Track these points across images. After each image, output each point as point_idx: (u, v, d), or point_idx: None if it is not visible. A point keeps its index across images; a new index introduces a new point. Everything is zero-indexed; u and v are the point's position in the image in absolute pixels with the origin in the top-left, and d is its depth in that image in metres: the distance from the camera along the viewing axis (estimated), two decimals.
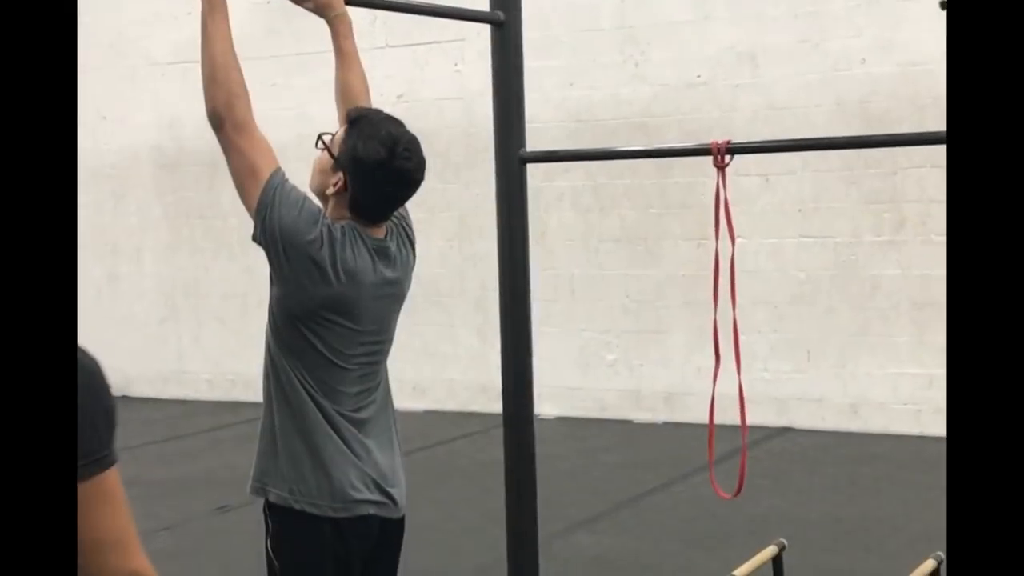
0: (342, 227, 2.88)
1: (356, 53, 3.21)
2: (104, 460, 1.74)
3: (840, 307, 8.20)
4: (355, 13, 3.20)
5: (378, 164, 2.86)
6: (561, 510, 6.23)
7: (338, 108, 3.20)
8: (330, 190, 2.93)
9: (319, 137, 2.99)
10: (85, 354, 1.79)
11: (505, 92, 3.30)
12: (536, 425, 3.41)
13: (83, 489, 1.70)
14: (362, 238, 2.90)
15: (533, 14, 4.16)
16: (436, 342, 9.27)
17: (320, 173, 2.97)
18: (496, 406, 3.61)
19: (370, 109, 3.03)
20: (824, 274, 8.24)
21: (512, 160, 3.31)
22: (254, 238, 2.85)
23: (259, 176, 2.79)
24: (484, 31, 3.54)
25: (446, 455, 8.01)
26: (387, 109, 3.03)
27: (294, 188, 2.83)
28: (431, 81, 9.15)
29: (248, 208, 2.83)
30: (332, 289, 2.84)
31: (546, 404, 8.56)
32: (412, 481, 3.07)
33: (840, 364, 8.22)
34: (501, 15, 3.25)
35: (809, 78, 8.14)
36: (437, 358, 9.33)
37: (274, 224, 2.78)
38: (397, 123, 2.94)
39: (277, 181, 2.80)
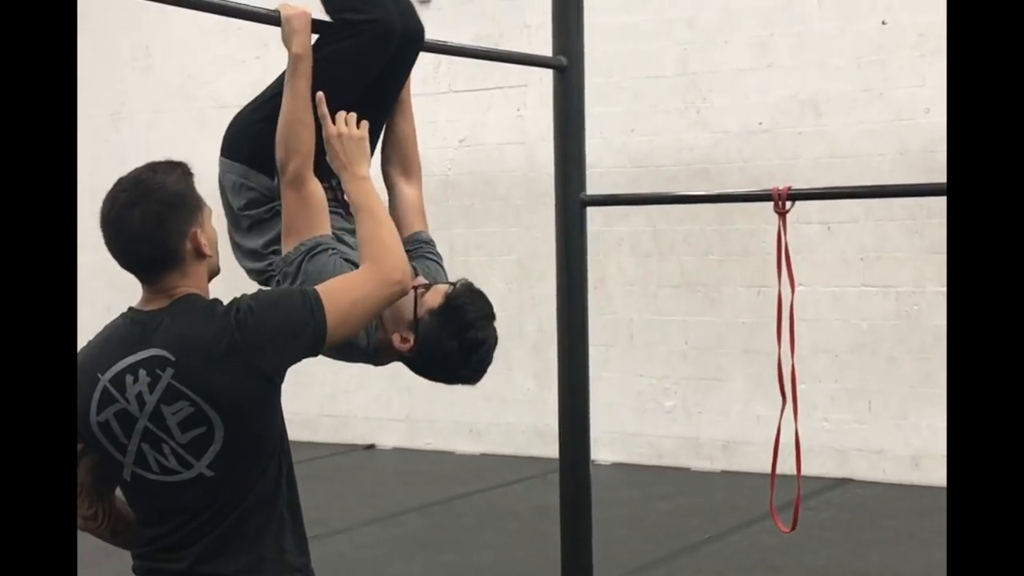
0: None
1: (411, 102, 3.26)
2: None
3: (902, 357, 8.10)
4: (420, 58, 3.23)
5: (447, 359, 2.80)
6: (617, 556, 6.19)
7: (387, 153, 3.24)
8: (397, 342, 2.80)
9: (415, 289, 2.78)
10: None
11: (567, 136, 3.32)
12: (592, 470, 3.41)
13: None
14: None
15: (596, 60, 4.18)
16: (493, 385, 9.25)
17: (394, 321, 2.81)
18: (553, 450, 3.61)
19: (468, 292, 2.83)
20: (886, 324, 8.15)
21: (573, 203, 3.32)
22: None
23: (294, 235, 2.86)
24: (547, 77, 3.57)
25: (502, 499, 7.99)
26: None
27: (326, 262, 2.80)
28: (493, 125, 9.20)
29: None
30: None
31: (603, 449, 8.52)
32: (467, 524, 3.07)
33: (901, 415, 8.11)
34: (564, 60, 3.27)
35: (872, 127, 8.10)
36: (494, 401, 9.32)
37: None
38: (487, 321, 2.81)
39: (305, 248, 2.82)
